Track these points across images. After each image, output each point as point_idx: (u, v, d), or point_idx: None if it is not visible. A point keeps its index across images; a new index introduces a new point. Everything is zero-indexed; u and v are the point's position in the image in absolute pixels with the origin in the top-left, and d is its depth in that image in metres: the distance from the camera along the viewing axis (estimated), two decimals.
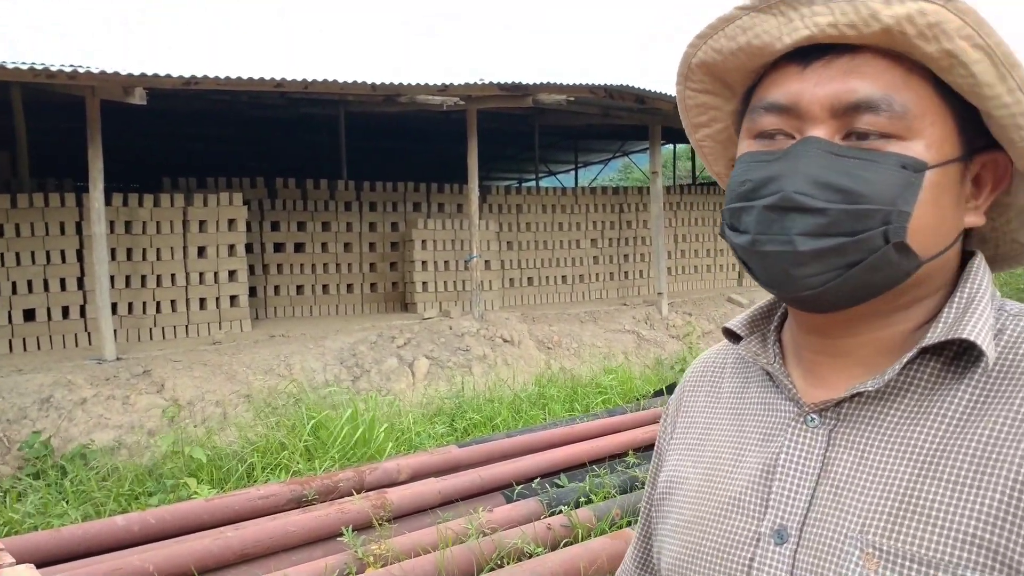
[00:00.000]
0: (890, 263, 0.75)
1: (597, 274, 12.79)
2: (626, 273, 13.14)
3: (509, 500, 5.17)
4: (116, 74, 6.72)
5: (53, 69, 6.48)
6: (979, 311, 0.76)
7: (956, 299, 0.78)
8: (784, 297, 0.80)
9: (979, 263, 0.82)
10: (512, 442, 5.88)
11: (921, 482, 0.72)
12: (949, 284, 0.81)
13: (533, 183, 17.78)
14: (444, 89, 8.61)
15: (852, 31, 0.74)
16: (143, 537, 4.21)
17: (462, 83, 8.64)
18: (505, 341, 9.20)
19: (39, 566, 3.83)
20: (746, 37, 0.80)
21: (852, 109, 0.74)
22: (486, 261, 10.71)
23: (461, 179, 10.14)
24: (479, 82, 8.69)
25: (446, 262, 10.68)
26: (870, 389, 0.77)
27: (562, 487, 5.34)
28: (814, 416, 0.80)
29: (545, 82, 8.84)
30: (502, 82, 8.69)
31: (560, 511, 4.99)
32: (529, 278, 12.03)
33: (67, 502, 5.22)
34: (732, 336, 0.92)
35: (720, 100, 0.89)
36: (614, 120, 11.48)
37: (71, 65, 6.70)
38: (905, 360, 0.76)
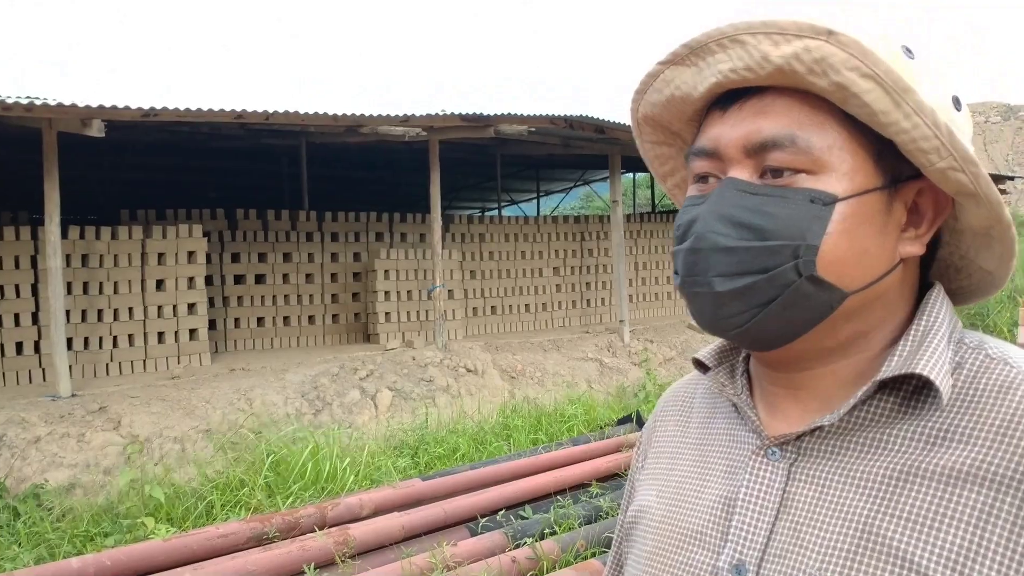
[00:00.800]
0: (807, 297, 0.76)
1: (560, 302, 12.85)
2: (588, 301, 13.21)
3: (474, 533, 5.14)
4: (74, 106, 6.65)
5: (9, 101, 6.39)
6: (934, 345, 0.77)
7: (912, 332, 0.79)
8: (721, 336, 0.82)
9: (936, 295, 0.83)
10: (476, 474, 5.85)
11: (879, 518, 0.72)
12: (905, 316, 0.82)
13: (496, 212, 17.86)
14: (406, 120, 8.65)
15: (750, 74, 0.76)
16: None
17: (424, 114, 8.68)
18: (469, 371, 9.18)
19: None
20: (669, 89, 0.84)
21: (761, 148, 0.77)
22: (449, 291, 10.71)
23: (424, 209, 10.16)
24: (441, 112, 8.74)
25: (409, 292, 10.65)
26: (826, 424, 0.78)
27: (527, 519, 5.32)
28: (775, 449, 0.81)
29: (506, 113, 8.92)
30: (464, 113, 8.75)
31: (525, 543, 4.97)
32: (492, 307, 12.04)
33: (19, 545, 5.07)
34: (701, 366, 0.93)
35: (674, 150, 0.92)
36: (575, 150, 11.60)
37: (27, 97, 6.62)
38: (860, 395, 0.76)
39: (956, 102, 0.81)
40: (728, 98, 0.80)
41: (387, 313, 10.48)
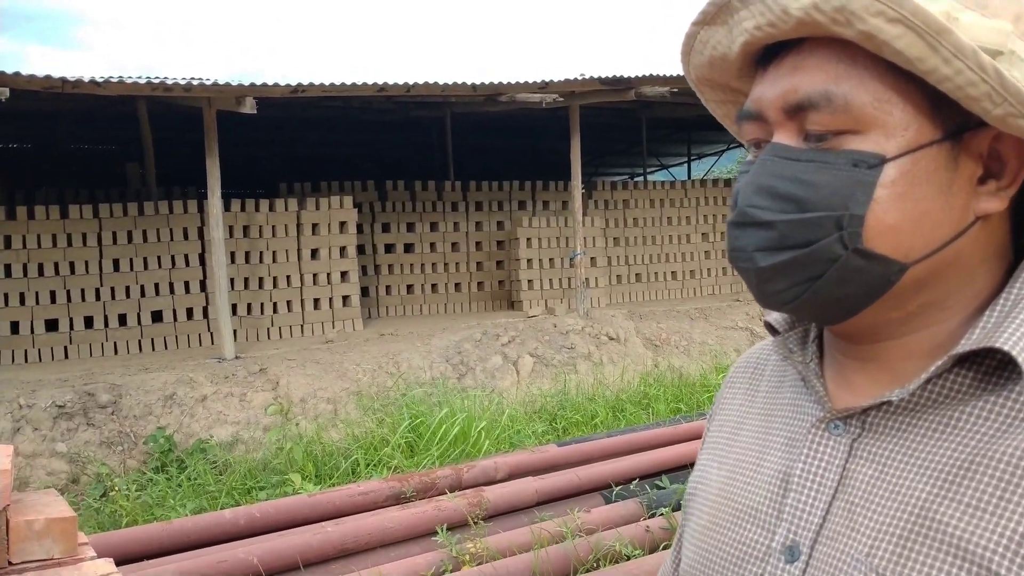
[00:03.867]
0: (859, 271, 0.68)
1: (709, 269, 12.49)
2: None
3: (608, 501, 5.10)
4: (227, 85, 7.03)
5: (169, 83, 6.83)
6: (1021, 317, 0.67)
7: (1000, 302, 0.69)
8: (772, 310, 0.75)
9: None
10: (612, 442, 5.79)
11: (939, 503, 0.65)
12: (994, 281, 0.72)
13: (643, 178, 17.52)
14: (544, 87, 8.59)
15: (774, 29, 0.68)
16: (249, 530, 4.38)
17: (562, 79, 8.59)
18: (611, 339, 9.09)
19: (149, 557, 4.04)
20: (708, 50, 0.77)
21: (798, 108, 0.69)
22: (592, 258, 10.62)
23: (566, 176, 10.10)
24: (579, 77, 8.62)
25: (551, 259, 10.66)
26: (895, 399, 0.70)
27: (663, 488, 5.22)
28: (838, 423, 0.74)
29: (647, 74, 8.68)
30: (603, 76, 8.58)
31: (661, 513, 4.88)
32: (637, 274, 11.86)
33: (184, 495, 5.49)
34: (773, 331, 0.85)
35: (739, 107, 0.83)
36: None
37: (185, 78, 7.05)
38: (932, 370, 0.68)
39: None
40: (769, 53, 0.72)
41: (529, 280, 10.54)
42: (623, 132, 14.74)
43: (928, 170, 0.67)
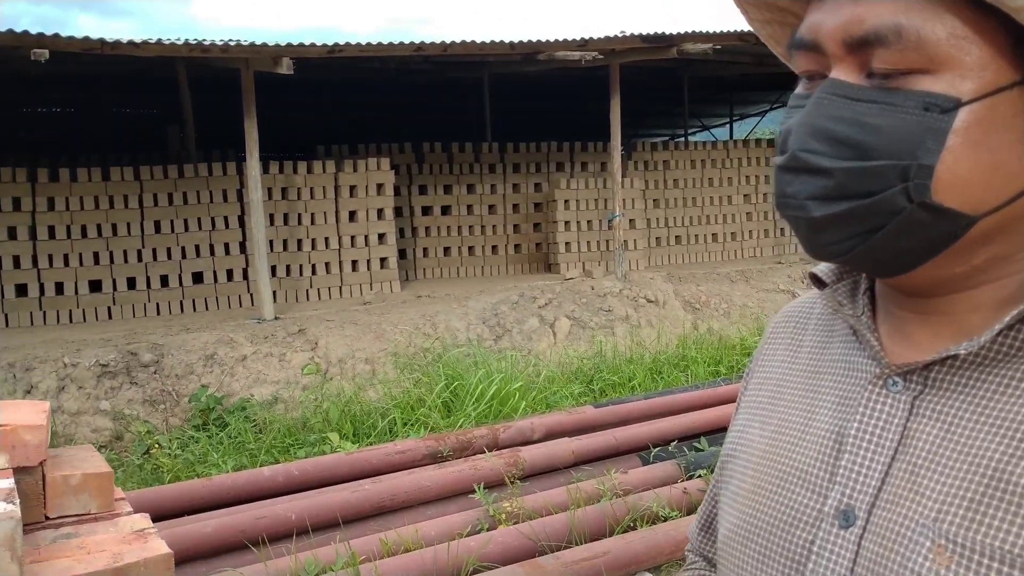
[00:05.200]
0: (922, 225, 0.62)
1: (750, 231, 12.28)
2: (782, 230, 12.52)
3: (645, 462, 5.07)
4: (264, 45, 7.01)
5: (207, 44, 6.82)
6: None
7: None
8: (822, 261, 0.70)
9: None
10: (649, 404, 5.75)
11: (1014, 463, 0.59)
12: None
13: (683, 139, 17.25)
14: (583, 44, 8.42)
15: None
16: (287, 487, 4.43)
17: (602, 36, 8.41)
18: (649, 301, 9.00)
19: (191, 513, 4.11)
20: None
21: (863, 43, 0.62)
22: (631, 220, 10.49)
23: (605, 137, 9.94)
24: (619, 34, 8.44)
25: (589, 222, 10.56)
26: (963, 352, 0.64)
27: (701, 451, 5.18)
28: (897, 379, 0.68)
29: (689, 31, 8.47)
30: (643, 33, 8.40)
31: (699, 475, 4.84)
32: (677, 237, 11.71)
33: (225, 452, 5.57)
34: (819, 283, 0.79)
35: (787, 28, 0.77)
36: (770, 68, 10.86)
37: (223, 40, 7.03)
38: (1007, 321, 0.62)
39: None
40: None
41: (567, 243, 10.46)
42: (663, 92, 14.48)
43: (1006, 116, 0.61)
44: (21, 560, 1.63)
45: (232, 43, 6.92)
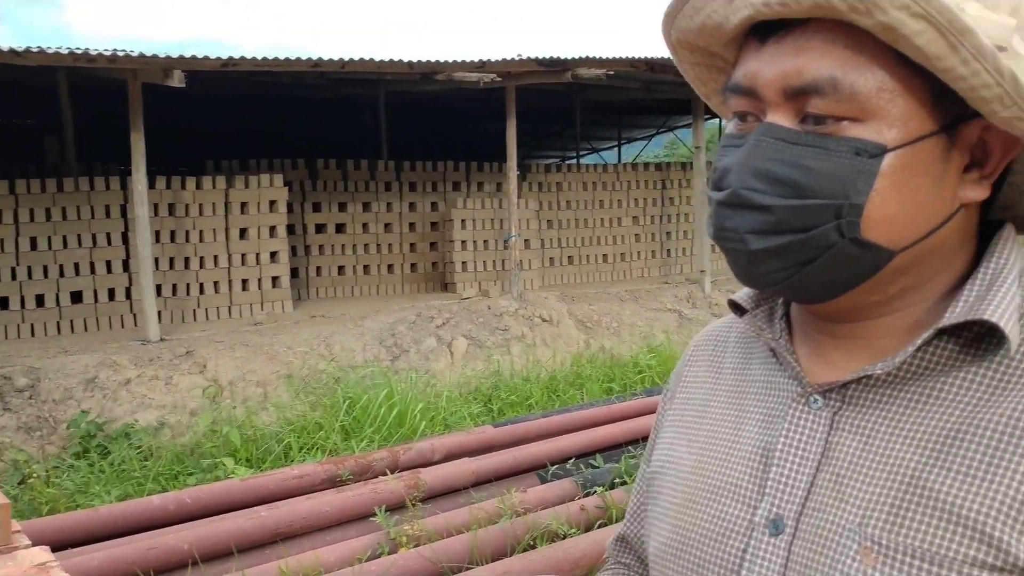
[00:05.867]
0: (851, 258, 0.69)
1: (639, 252, 12.64)
2: (668, 251, 12.96)
3: (543, 480, 5.14)
4: (154, 56, 6.78)
5: (93, 53, 6.55)
6: (1003, 290, 0.69)
7: (979, 276, 0.71)
8: (755, 289, 0.76)
9: (1006, 236, 0.74)
10: (547, 422, 5.84)
11: (928, 470, 0.66)
12: (966, 260, 0.74)
13: (575, 161, 17.62)
14: (481, 66, 8.53)
15: (784, 8, 0.67)
16: (178, 516, 4.28)
17: (499, 59, 8.54)
18: (544, 321, 9.14)
19: (74, 546, 3.91)
20: (700, 17, 0.75)
21: (800, 92, 0.68)
22: (526, 240, 10.64)
23: (501, 158, 10.08)
24: (517, 58, 8.59)
25: (485, 242, 10.64)
26: (879, 372, 0.71)
27: (597, 468, 5.29)
28: (818, 397, 0.75)
29: (584, 56, 8.70)
30: (540, 57, 8.57)
31: (595, 492, 4.94)
32: (569, 257, 11.93)
33: (108, 481, 5.32)
34: (737, 308, 0.86)
35: (714, 72, 0.83)
36: (657, 94, 11.27)
37: (110, 49, 6.77)
38: (919, 342, 0.69)
39: None
40: (767, 27, 0.71)
41: (464, 262, 10.51)
42: (556, 115, 14.78)
43: (925, 161, 0.68)
44: None
45: (121, 53, 6.67)
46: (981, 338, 0.70)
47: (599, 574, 1.10)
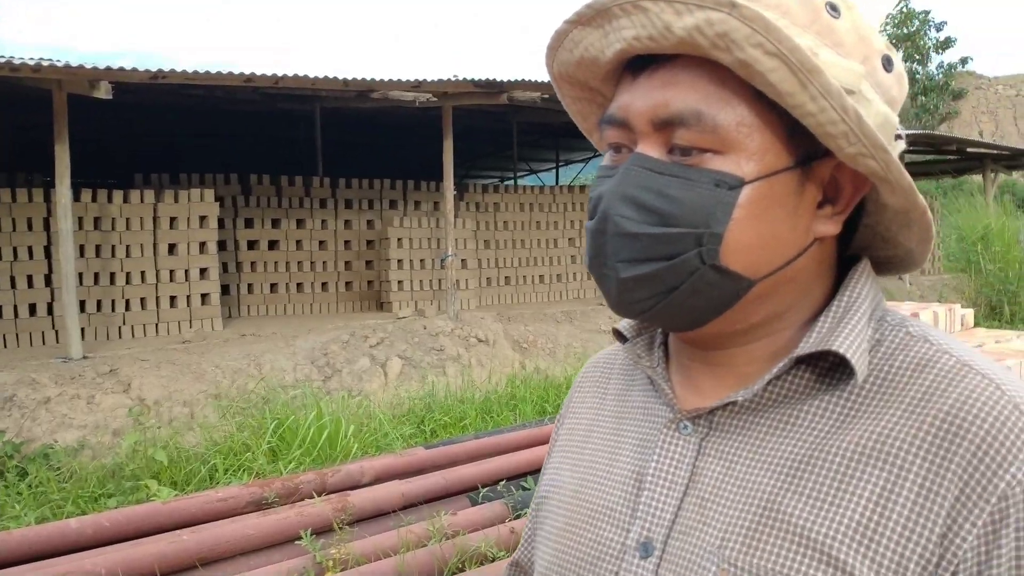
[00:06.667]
0: (711, 285, 0.72)
1: (574, 273, 12.77)
2: None
3: (474, 503, 5.13)
4: (80, 67, 6.63)
5: (16, 62, 6.37)
6: (853, 322, 0.74)
7: (832, 309, 0.75)
8: (626, 317, 0.78)
9: (861, 270, 0.79)
10: (479, 444, 5.84)
11: (783, 495, 0.70)
12: (824, 293, 0.78)
13: (512, 182, 17.75)
14: (417, 85, 8.55)
15: (653, 44, 0.70)
16: (97, 540, 4.14)
17: (435, 79, 8.58)
18: (480, 341, 9.15)
19: None
20: (579, 50, 0.78)
21: (667, 124, 0.72)
22: (462, 260, 10.66)
23: (438, 177, 10.10)
24: (453, 78, 8.64)
25: (422, 261, 10.62)
26: (740, 399, 0.75)
27: (528, 490, 5.30)
28: (687, 423, 0.78)
29: (520, 79, 8.80)
30: (476, 79, 8.64)
31: (525, 513, 4.95)
32: (506, 277, 11.99)
33: (24, 504, 5.13)
34: (621, 337, 0.89)
35: (595, 106, 0.86)
36: None
37: (35, 59, 6.59)
38: (775, 371, 0.73)
39: (886, 62, 0.75)
40: (641, 61, 0.74)
41: (400, 281, 10.47)
42: (494, 135, 14.89)
43: (780, 194, 0.72)
44: None
45: (45, 63, 6.50)
46: (835, 368, 0.74)
47: None
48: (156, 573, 3.96)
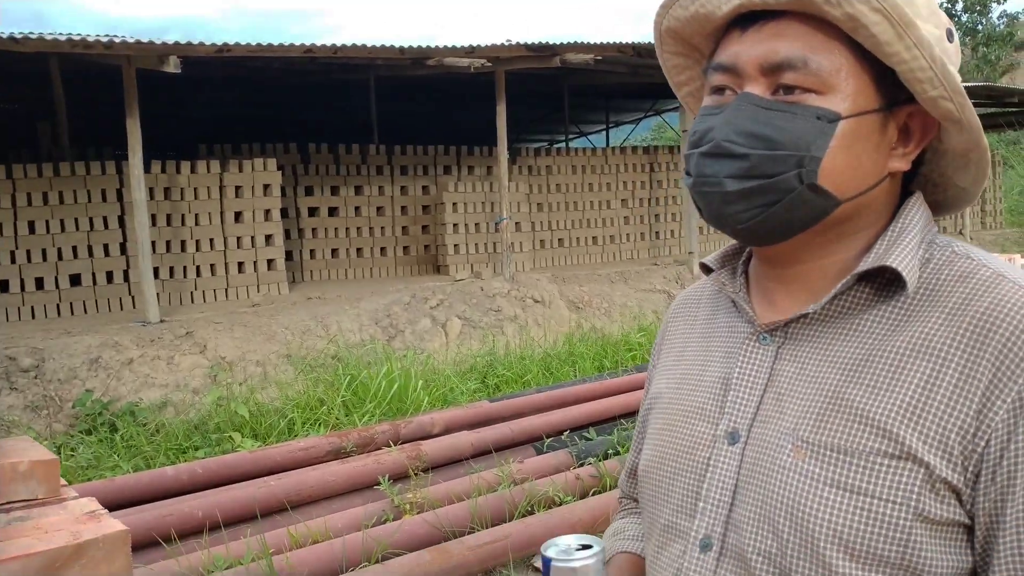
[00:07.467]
0: (806, 202, 0.86)
1: (628, 234, 12.82)
2: (657, 233, 13.15)
3: (539, 452, 5.33)
4: (151, 43, 6.88)
5: (90, 40, 6.64)
6: (905, 242, 0.88)
7: (888, 232, 0.90)
8: (725, 231, 0.93)
9: (914, 201, 0.93)
10: (542, 397, 6.02)
11: (846, 386, 0.85)
12: (887, 221, 0.92)
13: (564, 145, 17.74)
14: (471, 51, 8.65)
15: (772, 0, 0.85)
16: (192, 486, 4.44)
17: (489, 44, 8.67)
18: (536, 302, 9.32)
19: None
20: (695, 7, 0.93)
21: (777, 68, 0.86)
22: (516, 223, 10.80)
23: (491, 142, 10.22)
24: (506, 43, 8.72)
25: (477, 224, 10.79)
26: (811, 311, 0.90)
27: (591, 440, 5.48)
28: (766, 335, 0.94)
29: (572, 42, 8.84)
30: (529, 43, 8.71)
31: (589, 462, 5.14)
32: (560, 239, 12.10)
33: (119, 456, 5.48)
34: (707, 269, 1.06)
35: (691, 61, 1.02)
36: (644, 78, 11.41)
37: (107, 35, 6.86)
38: (840, 286, 0.88)
39: (949, 34, 0.90)
40: (747, 19, 0.88)
41: (455, 245, 10.66)
42: (545, 98, 14.90)
43: (867, 131, 0.87)
44: None
45: (117, 39, 6.76)
46: (891, 283, 0.88)
47: (615, 513, 1.30)
48: (243, 516, 4.25)
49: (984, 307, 0.82)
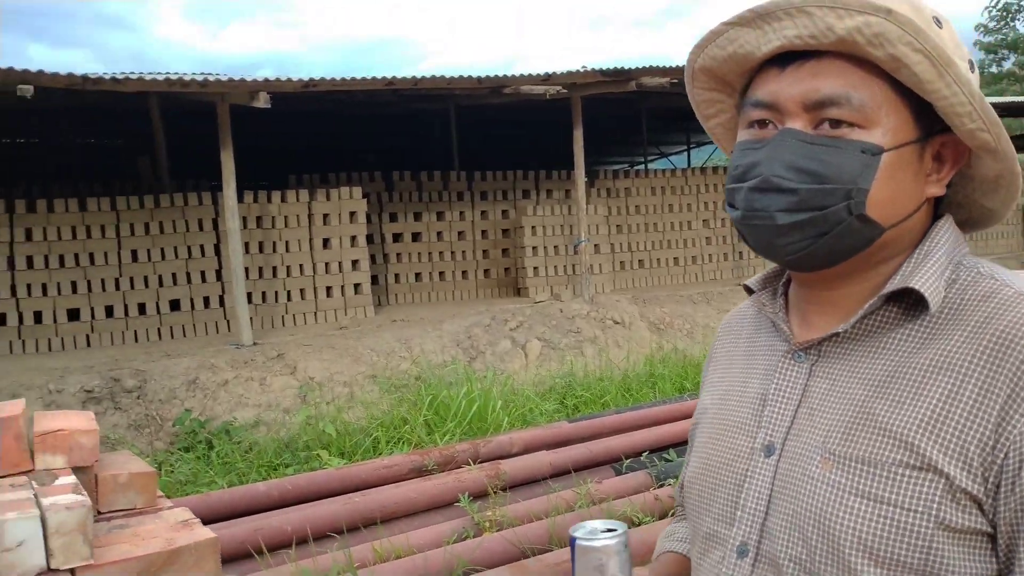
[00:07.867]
0: (854, 231, 0.91)
1: (710, 255, 12.71)
2: (741, 253, 13.00)
3: (618, 472, 5.33)
4: (242, 80, 7.25)
5: (187, 79, 7.05)
6: (929, 264, 0.92)
7: (915, 255, 0.94)
8: (773, 260, 0.98)
9: (942, 224, 0.97)
10: (621, 418, 6.02)
11: (872, 401, 0.90)
12: (918, 243, 0.97)
13: (643, 166, 17.72)
14: (547, 79, 8.80)
15: (813, 41, 0.90)
16: (281, 501, 4.62)
17: (564, 71, 8.80)
18: (616, 323, 9.34)
19: None
20: (733, 47, 0.97)
21: (819, 104, 0.91)
22: (595, 245, 10.85)
23: (569, 165, 10.33)
24: (581, 69, 8.83)
25: (556, 247, 10.89)
26: (841, 331, 0.95)
27: (670, 461, 5.45)
28: (800, 353, 0.99)
29: (647, 66, 8.90)
30: (604, 68, 8.80)
31: (668, 483, 5.11)
32: (640, 261, 12.09)
33: (214, 472, 5.74)
34: (749, 291, 1.12)
35: (723, 95, 1.07)
36: None
37: (202, 74, 7.26)
38: (868, 307, 0.93)
39: (971, 65, 0.95)
40: (785, 58, 0.93)
41: (535, 267, 10.78)
42: (623, 122, 14.94)
43: (907, 161, 0.92)
44: (91, 543, 1.87)
45: (211, 78, 7.15)
46: (917, 303, 0.93)
47: (671, 519, 1.37)
48: (329, 531, 4.40)
49: (1004, 325, 0.86)
